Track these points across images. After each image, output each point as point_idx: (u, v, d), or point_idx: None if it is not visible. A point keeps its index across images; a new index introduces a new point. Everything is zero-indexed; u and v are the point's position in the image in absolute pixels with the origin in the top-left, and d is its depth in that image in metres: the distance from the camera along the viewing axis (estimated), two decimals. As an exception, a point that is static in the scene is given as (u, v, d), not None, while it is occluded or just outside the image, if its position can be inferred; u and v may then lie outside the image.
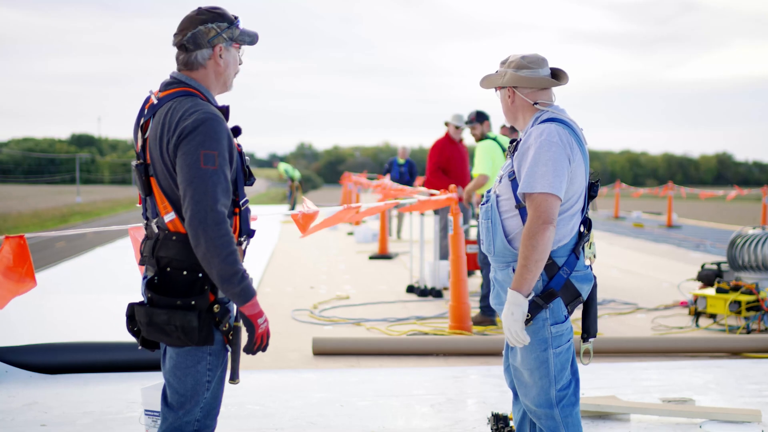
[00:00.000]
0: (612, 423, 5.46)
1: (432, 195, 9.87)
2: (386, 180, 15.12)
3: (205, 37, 3.38)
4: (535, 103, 3.79)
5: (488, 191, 3.89)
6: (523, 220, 3.66)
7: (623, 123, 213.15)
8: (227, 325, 3.29)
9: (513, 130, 9.92)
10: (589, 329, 3.85)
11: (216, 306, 3.27)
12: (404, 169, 17.87)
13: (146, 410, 4.82)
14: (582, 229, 3.76)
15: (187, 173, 3.18)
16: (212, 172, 3.17)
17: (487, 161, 9.48)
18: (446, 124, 11.70)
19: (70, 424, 5.46)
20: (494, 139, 9.70)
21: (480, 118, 10.00)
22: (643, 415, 5.56)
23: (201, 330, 3.25)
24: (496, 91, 3.91)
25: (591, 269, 3.81)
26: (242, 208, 3.35)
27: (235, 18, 3.44)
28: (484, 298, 8.83)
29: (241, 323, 3.33)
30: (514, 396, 4.01)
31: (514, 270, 3.67)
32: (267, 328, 3.31)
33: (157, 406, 4.78)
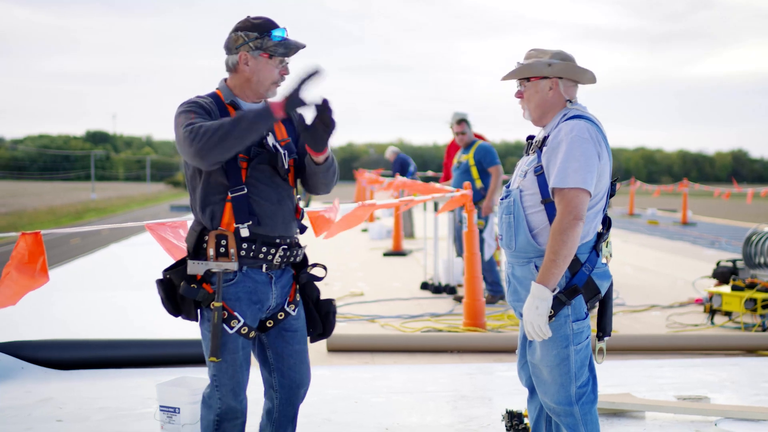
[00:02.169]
0: (627, 420, 5.44)
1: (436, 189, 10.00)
2: (399, 178, 15.12)
3: (234, 43, 3.66)
4: (568, 100, 3.79)
5: (507, 186, 3.87)
6: (549, 215, 3.64)
7: (638, 120, 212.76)
8: (211, 304, 3.59)
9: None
10: (605, 328, 3.84)
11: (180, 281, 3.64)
12: (395, 168, 17.92)
13: (161, 406, 4.84)
14: (601, 227, 3.76)
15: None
16: (177, 117, 3.54)
17: None
18: None
19: (85, 420, 5.49)
20: None
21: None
22: (658, 413, 5.54)
23: (172, 303, 3.67)
24: (527, 81, 3.78)
25: (607, 267, 3.81)
26: (233, 195, 3.59)
27: (271, 29, 3.64)
28: (492, 283, 9.58)
29: (220, 304, 3.55)
30: (530, 394, 4.00)
31: (536, 266, 3.66)
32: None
33: (171, 402, 4.80)
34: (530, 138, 3.90)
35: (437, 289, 10.64)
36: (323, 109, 3.52)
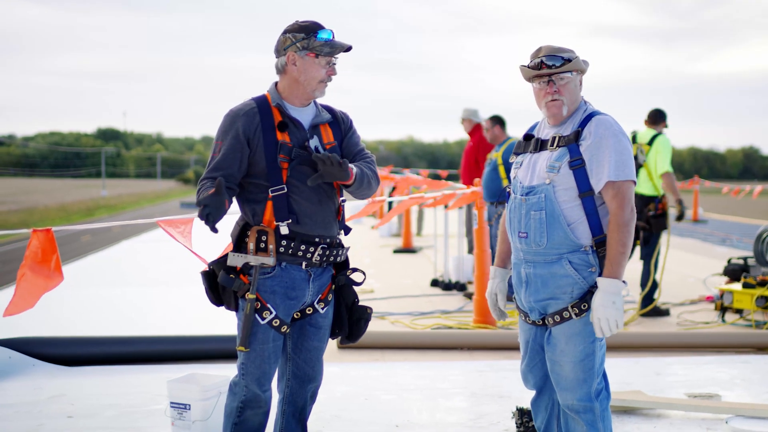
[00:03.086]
0: (637, 418, 5.43)
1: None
2: (410, 175, 15.12)
3: (282, 45, 3.83)
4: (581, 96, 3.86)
5: (518, 182, 3.83)
6: (586, 209, 3.65)
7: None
8: (246, 295, 3.74)
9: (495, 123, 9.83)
10: None
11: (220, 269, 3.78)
12: None
13: (171, 403, 4.85)
14: None
15: None
16: (212, 157, 3.80)
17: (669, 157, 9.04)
18: None
19: (95, 416, 5.50)
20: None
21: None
22: (669, 410, 5.53)
23: (214, 293, 3.86)
24: (569, 75, 3.74)
25: None
26: (273, 195, 3.74)
27: (317, 30, 3.78)
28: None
29: (254, 296, 3.71)
30: (537, 395, 3.97)
31: (570, 262, 3.65)
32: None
33: (182, 398, 4.81)
34: (529, 136, 3.87)
35: (447, 286, 10.63)
36: (315, 161, 3.73)
